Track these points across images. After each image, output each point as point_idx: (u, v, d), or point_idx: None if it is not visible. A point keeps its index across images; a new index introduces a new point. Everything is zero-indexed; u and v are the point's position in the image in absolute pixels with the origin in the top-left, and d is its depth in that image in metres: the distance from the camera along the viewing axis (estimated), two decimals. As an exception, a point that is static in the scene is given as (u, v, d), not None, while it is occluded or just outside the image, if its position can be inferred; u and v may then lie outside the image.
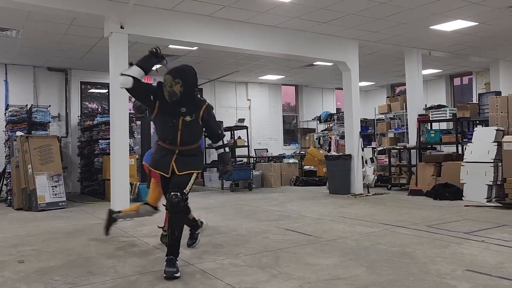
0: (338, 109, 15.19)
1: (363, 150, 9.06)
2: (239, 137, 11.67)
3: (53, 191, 7.65)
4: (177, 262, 3.37)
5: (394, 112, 10.86)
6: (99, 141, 9.10)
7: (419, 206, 6.90)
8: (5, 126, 9.08)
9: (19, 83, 10.26)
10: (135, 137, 10.11)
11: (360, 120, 9.54)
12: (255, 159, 12.54)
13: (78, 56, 9.62)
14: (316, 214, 6.37)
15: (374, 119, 11.67)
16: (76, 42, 8.56)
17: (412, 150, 9.61)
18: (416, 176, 8.86)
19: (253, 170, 11.23)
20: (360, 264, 3.55)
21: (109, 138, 7.28)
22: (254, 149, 12.98)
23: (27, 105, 9.14)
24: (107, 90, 11.59)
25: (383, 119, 11.47)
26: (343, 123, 9.72)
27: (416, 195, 8.28)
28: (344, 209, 6.78)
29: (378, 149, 10.67)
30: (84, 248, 4.40)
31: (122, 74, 3.64)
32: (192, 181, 3.65)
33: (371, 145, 11.21)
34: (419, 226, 5.13)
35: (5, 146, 8.99)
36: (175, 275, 3.25)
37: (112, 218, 4.42)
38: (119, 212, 4.54)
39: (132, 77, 3.61)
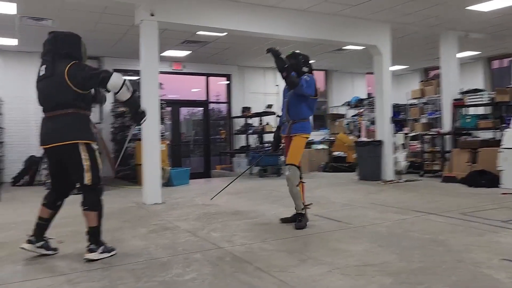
0: (369, 94, 14.89)
1: (394, 136, 8.88)
2: (267, 123, 11.67)
3: (89, 176, 7.89)
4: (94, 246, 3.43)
5: (428, 96, 10.54)
6: (131, 127, 9.30)
7: (453, 193, 6.74)
8: (43, 113, 9.40)
9: (54, 71, 10.56)
10: (165, 123, 10.29)
11: (392, 105, 9.33)
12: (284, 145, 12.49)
13: (110, 44, 9.81)
14: (345, 200, 6.33)
15: (406, 104, 11.39)
16: (108, 30, 8.72)
17: (446, 136, 9.35)
18: (450, 163, 8.62)
19: (282, 156, 11.21)
20: (390, 251, 3.51)
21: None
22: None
23: (63, 92, 9.42)
24: (138, 77, 11.78)
25: (416, 104, 11.17)
26: (374, 109, 9.54)
27: (450, 182, 8.07)
28: (374, 196, 6.70)
29: (410, 135, 10.43)
30: (118, 230, 4.55)
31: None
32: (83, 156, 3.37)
33: (403, 130, 10.95)
34: (452, 214, 5.02)
35: (43, 132, 9.33)
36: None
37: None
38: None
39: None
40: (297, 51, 4.83)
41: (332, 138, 13.11)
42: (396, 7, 7.72)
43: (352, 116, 13.55)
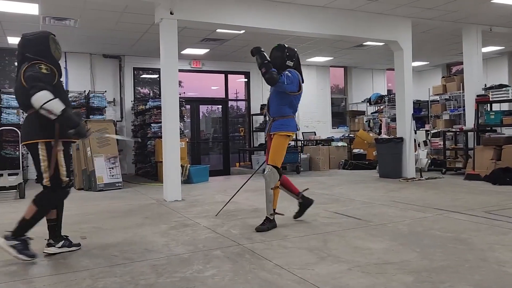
0: (389, 91, 14.71)
1: (415, 133, 8.74)
2: (287, 120, 11.62)
3: (110, 173, 8.05)
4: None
5: (450, 92, 10.33)
6: (151, 124, 9.43)
7: (476, 191, 6.60)
8: (66, 111, 9.60)
9: (77, 70, 10.79)
10: (185, 121, 10.38)
11: (413, 102, 9.19)
12: (302, 142, 12.48)
13: (131, 43, 9.94)
14: (365, 198, 6.27)
15: (427, 101, 11.20)
16: (129, 29, 8.84)
17: (469, 133, 9.15)
18: (474, 160, 8.44)
19: (301, 153, 11.19)
20: (411, 249, 3.46)
21: (160, 122, 7.52)
22: (302, 132, 12.90)
23: (85, 91, 9.62)
24: (158, 75, 11.93)
25: (438, 101, 10.97)
26: (395, 105, 9.40)
27: (473, 179, 7.91)
28: (395, 193, 6.62)
29: (432, 131, 10.25)
30: (139, 227, 4.62)
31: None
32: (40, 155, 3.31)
33: (424, 127, 10.78)
34: (476, 212, 4.92)
35: (66, 130, 9.54)
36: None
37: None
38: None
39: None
40: (284, 44, 4.59)
41: (351, 135, 13.01)
42: (417, 1, 7.59)
43: (372, 113, 13.40)
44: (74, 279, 2.93)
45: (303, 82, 4.56)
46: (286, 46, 4.53)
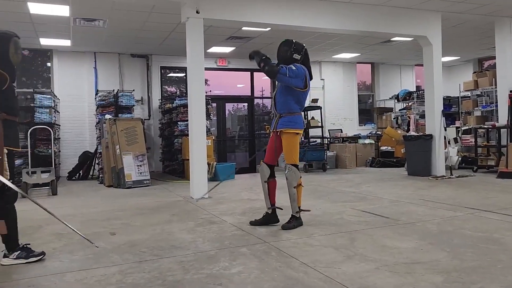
0: (418, 87, 14.38)
1: (445, 130, 8.53)
2: (313, 118, 11.57)
3: (138, 170, 8.21)
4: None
5: (482, 88, 10.01)
6: (178, 123, 9.55)
7: (509, 190, 6.38)
8: (96, 110, 9.86)
9: (106, 70, 11.04)
10: (211, 119, 10.46)
11: (443, 98, 8.95)
12: (329, 139, 12.38)
13: (158, 42, 10.09)
14: (393, 196, 6.16)
15: (458, 97, 10.90)
16: (156, 29, 8.97)
17: (502, 130, 8.85)
18: (507, 158, 8.15)
19: (327, 151, 11.10)
20: (441, 249, 3.38)
21: (187, 120, 7.61)
22: (328, 130, 12.79)
23: (114, 90, 9.82)
24: (184, 74, 12.06)
25: (469, 97, 10.65)
26: (424, 102, 9.19)
27: (506, 178, 7.65)
28: (424, 192, 6.48)
29: (463, 128, 9.98)
30: (167, 223, 4.69)
31: None
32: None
33: (454, 124, 10.51)
34: (509, 211, 4.75)
35: (96, 128, 9.80)
36: None
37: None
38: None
39: None
40: (292, 39, 4.45)
41: (379, 133, 12.81)
42: (447, -5, 7.39)
43: (400, 109, 13.15)
44: (104, 274, 3.00)
45: (311, 79, 4.41)
46: (294, 41, 4.43)
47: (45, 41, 9.71)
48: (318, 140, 11.61)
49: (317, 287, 2.66)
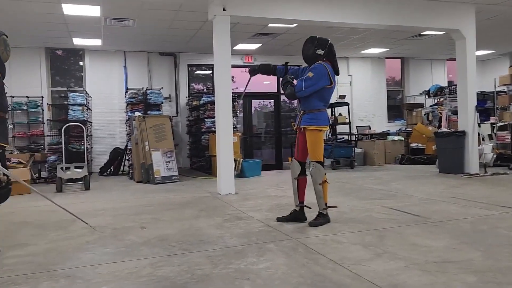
0: (450, 82, 13.99)
1: (479, 126, 8.26)
2: (340, 114, 11.44)
3: (167, 166, 8.34)
4: None
5: (518, 83, 9.65)
6: (205, 120, 9.64)
7: (547, 188, 6.13)
8: (126, 107, 10.08)
9: (135, 68, 11.26)
10: (237, 116, 10.50)
11: (477, 93, 8.67)
12: (357, 136, 12.21)
13: (185, 40, 10.20)
14: (424, 194, 6.02)
15: (493, 92, 10.53)
16: (183, 27, 9.07)
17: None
18: (545, 155, 7.85)
19: (355, 148, 10.95)
20: (475, 248, 3.29)
21: (214, 117, 7.66)
22: (356, 126, 12.61)
23: (142, 87, 10.01)
24: (211, 71, 12.15)
25: (505, 91, 10.28)
26: (456, 97, 8.93)
27: (544, 176, 7.35)
28: (456, 190, 6.30)
29: (498, 124, 9.65)
30: (195, 219, 4.75)
31: None
32: None
33: (489, 120, 10.16)
34: (547, 210, 4.57)
35: (126, 125, 10.02)
36: None
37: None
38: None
39: None
40: (315, 36, 4.40)
41: (409, 129, 12.54)
42: (481, -14, 7.14)
43: (431, 105, 12.82)
44: (135, 267, 3.07)
45: (337, 74, 4.36)
46: (317, 36, 4.39)
47: (77, 41, 9.98)
48: (346, 137, 11.47)
49: (345, 284, 2.63)
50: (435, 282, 2.61)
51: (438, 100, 12.47)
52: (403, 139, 11.74)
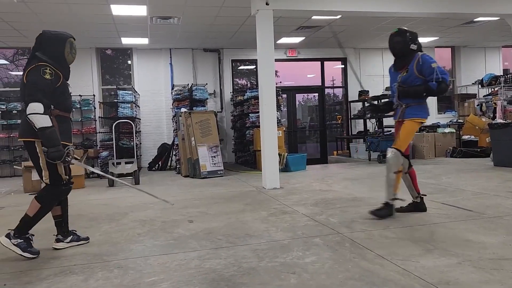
0: (505, 70, 13.23)
1: (538, 116, 7.75)
2: (387, 106, 11.11)
3: (213, 161, 8.49)
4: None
5: None
6: (250, 114, 9.70)
7: None
8: (172, 104, 10.34)
9: (181, 65, 11.52)
10: (281, 110, 10.49)
11: (535, 81, 8.15)
12: (405, 129, 11.81)
13: (229, 36, 10.30)
14: (477, 188, 5.75)
15: (554, 79, 9.84)
16: (227, 23, 9.16)
17: None
18: None
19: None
20: (534, 245, 3.11)
21: (258, 112, 7.69)
22: (404, 119, 12.21)
23: (188, 84, 10.22)
24: (254, 66, 12.20)
25: None
26: (512, 86, 8.43)
27: None
28: (512, 184, 5.97)
29: (560, 114, 9.00)
30: (240, 213, 4.81)
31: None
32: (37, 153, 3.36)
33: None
34: None
35: (173, 121, 10.29)
36: None
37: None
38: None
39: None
40: (403, 28, 4.32)
41: (460, 121, 12.00)
42: (541, -34, 6.68)
43: (485, 95, 12.16)
44: (184, 259, 3.16)
45: None
46: (407, 29, 4.28)
47: (125, 40, 10.35)
48: (393, 130, 11.14)
49: (394, 280, 2.58)
50: (490, 280, 2.50)
51: (493, 90, 11.81)
52: (455, 131, 11.24)
